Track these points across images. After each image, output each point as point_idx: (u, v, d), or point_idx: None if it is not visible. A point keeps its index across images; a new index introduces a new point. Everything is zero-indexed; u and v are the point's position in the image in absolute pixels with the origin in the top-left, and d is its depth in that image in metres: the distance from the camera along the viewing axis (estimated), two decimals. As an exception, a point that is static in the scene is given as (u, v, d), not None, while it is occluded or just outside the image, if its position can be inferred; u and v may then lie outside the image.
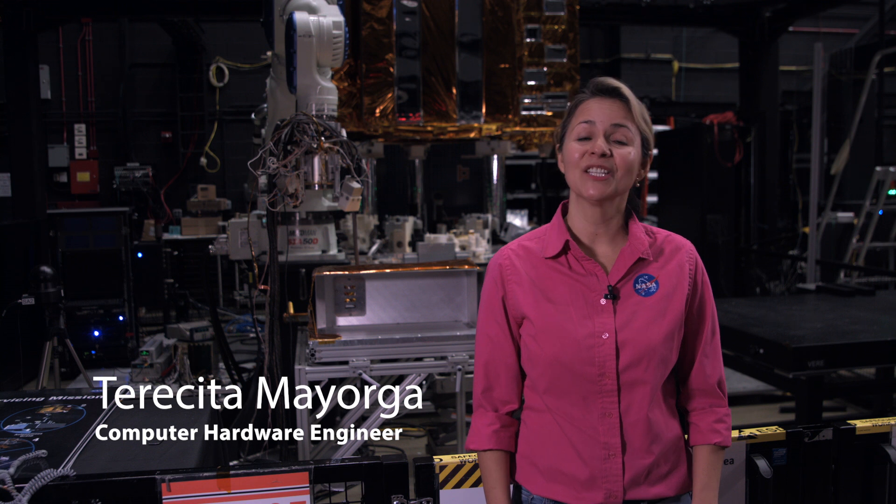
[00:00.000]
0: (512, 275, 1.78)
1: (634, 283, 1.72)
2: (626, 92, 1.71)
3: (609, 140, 1.68)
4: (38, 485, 1.84)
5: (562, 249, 1.74)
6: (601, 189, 1.68)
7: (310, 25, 4.08)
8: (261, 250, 4.40)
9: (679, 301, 1.72)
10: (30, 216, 7.74)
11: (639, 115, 1.71)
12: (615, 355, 1.67)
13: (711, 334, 1.80)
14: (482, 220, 6.70)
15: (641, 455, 1.68)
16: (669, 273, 1.74)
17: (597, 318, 1.69)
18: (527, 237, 1.84)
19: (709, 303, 1.79)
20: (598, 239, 1.75)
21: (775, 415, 5.61)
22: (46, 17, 8.15)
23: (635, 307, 1.70)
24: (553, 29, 6.58)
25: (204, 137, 10.94)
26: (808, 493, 2.23)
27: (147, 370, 6.07)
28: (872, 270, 8.30)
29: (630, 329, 1.68)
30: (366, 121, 6.22)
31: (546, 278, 1.74)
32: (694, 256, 1.78)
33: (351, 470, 2.02)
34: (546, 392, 1.72)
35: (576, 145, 1.70)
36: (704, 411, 1.78)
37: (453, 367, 3.57)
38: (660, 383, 1.71)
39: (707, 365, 1.78)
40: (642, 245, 1.74)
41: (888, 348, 4.03)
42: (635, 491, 1.68)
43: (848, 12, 11.78)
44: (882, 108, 9.19)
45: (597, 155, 1.67)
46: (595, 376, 1.67)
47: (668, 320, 1.70)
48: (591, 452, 1.68)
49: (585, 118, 1.70)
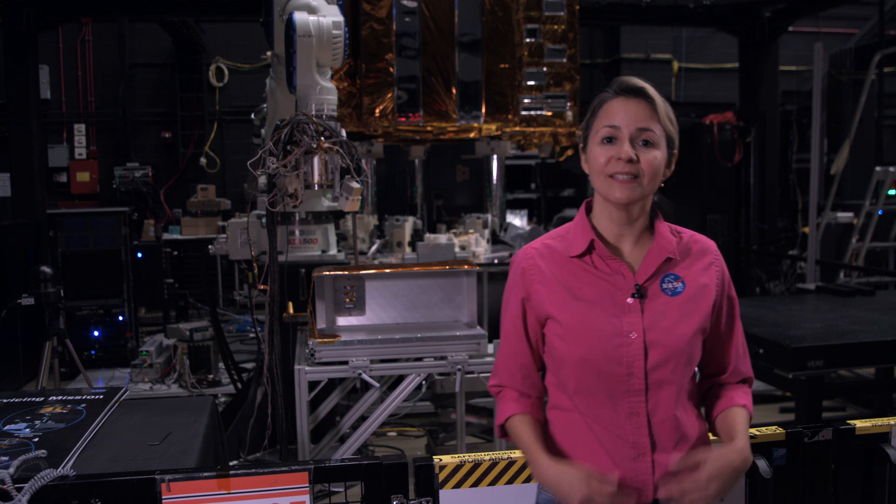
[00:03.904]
0: (536, 275, 1.76)
1: (661, 282, 1.71)
2: (652, 92, 1.69)
3: (634, 143, 1.66)
4: (38, 485, 1.84)
5: (587, 248, 1.73)
6: (628, 194, 1.66)
7: (309, 25, 4.08)
8: (260, 250, 4.39)
9: (706, 302, 1.72)
10: (30, 216, 7.74)
11: (664, 116, 1.69)
12: (643, 355, 1.66)
13: (740, 334, 1.82)
14: (482, 220, 6.71)
15: (670, 452, 1.67)
16: (696, 274, 1.73)
17: (624, 317, 1.68)
18: (549, 236, 1.83)
19: (736, 302, 1.80)
20: (623, 239, 1.75)
21: (775, 415, 5.61)
22: (46, 17, 8.15)
23: (663, 307, 1.69)
24: (553, 29, 6.58)
25: (204, 137, 10.94)
26: (807, 494, 2.23)
27: (147, 370, 6.07)
28: (872, 270, 8.30)
29: (658, 329, 1.67)
30: (366, 121, 6.23)
31: (572, 276, 1.73)
32: (720, 257, 1.78)
33: (350, 470, 2.02)
34: (576, 392, 1.71)
35: (600, 149, 1.68)
36: (736, 387, 1.81)
37: (453, 367, 3.58)
38: (686, 382, 1.71)
39: (741, 364, 1.82)
40: (670, 244, 1.73)
41: (888, 348, 4.03)
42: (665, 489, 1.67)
43: (848, 12, 11.78)
44: (882, 108, 9.20)
45: (623, 161, 1.65)
46: (623, 376, 1.66)
47: (696, 320, 1.70)
48: (620, 452, 1.67)
49: (610, 121, 1.68)
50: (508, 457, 2.10)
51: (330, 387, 4.19)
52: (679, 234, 1.78)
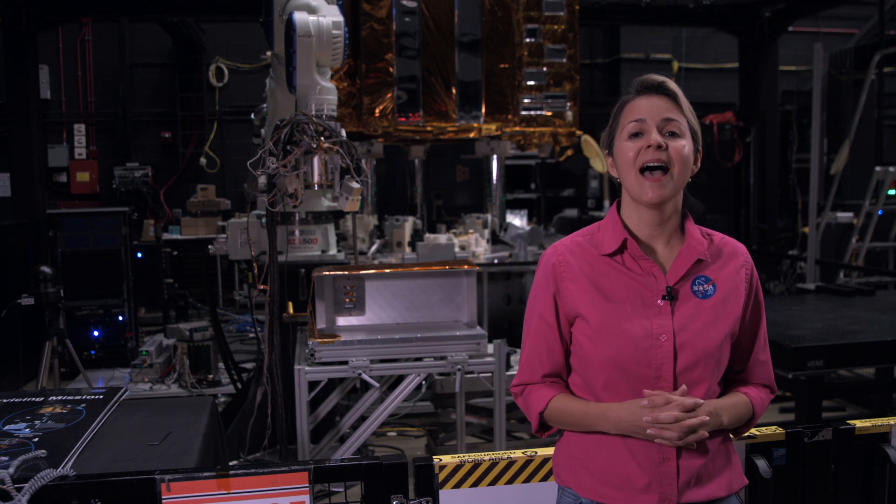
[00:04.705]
0: (567, 271, 1.74)
1: (692, 284, 1.70)
2: (673, 86, 1.69)
3: (662, 134, 1.66)
4: (38, 485, 1.84)
5: (619, 247, 1.71)
6: (659, 192, 1.65)
7: (309, 25, 4.08)
8: (260, 250, 4.39)
9: (736, 306, 1.70)
10: (30, 216, 7.74)
11: (687, 109, 1.70)
12: (673, 358, 1.64)
13: (765, 340, 1.80)
14: (482, 220, 6.71)
15: (695, 457, 1.66)
16: (726, 277, 1.72)
17: (655, 318, 1.66)
18: (579, 234, 1.81)
19: (762, 307, 1.79)
20: (655, 239, 1.73)
21: (775, 415, 5.60)
22: (46, 17, 8.15)
23: (693, 309, 1.67)
24: (553, 29, 6.58)
25: (204, 137, 10.94)
26: (807, 494, 2.23)
27: (147, 370, 6.07)
28: (872, 270, 8.30)
29: (688, 331, 1.65)
30: (365, 121, 6.23)
31: (602, 275, 1.71)
32: (750, 261, 1.77)
33: (350, 470, 2.01)
34: (603, 391, 1.69)
35: (628, 144, 1.68)
36: (754, 386, 1.80)
37: (453, 367, 3.57)
38: (714, 386, 1.70)
39: (763, 370, 1.81)
40: (701, 246, 1.72)
41: (888, 348, 4.03)
42: (689, 493, 1.65)
43: (848, 12, 11.78)
44: (882, 108, 9.20)
45: (652, 148, 1.64)
46: (651, 378, 1.64)
47: (726, 324, 1.68)
48: (646, 455, 1.65)
49: (635, 116, 1.68)
50: (508, 457, 2.10)
51: (330, 387, 4.19)
52: (709, 236, 1.77)
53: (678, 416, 1.58)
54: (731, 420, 1.70)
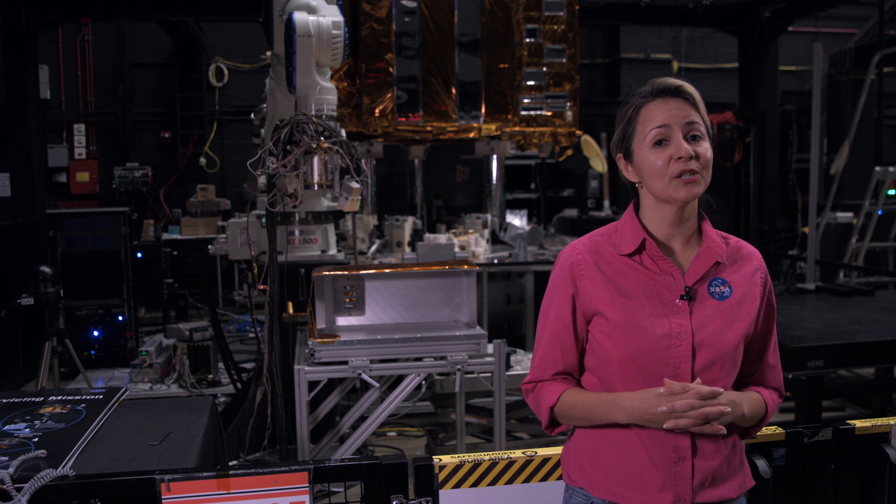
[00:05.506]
0: (585, 270, 1.74)
1: (709, 285, 1.70)
2: (690, 88, 1.69)
3: (686, 139, 1.66)
4: (38, 485, 1.84)
5: (638, 247, 1.72)
6: (693, 191, 1.65)
7: (309, 25, 4.08)
8: (260, 250, 4.39)
9: (751, 308, 1.71)
10: (29, 216, 7.74)
11: (704, 110, 1.70)
12: (691, 356, 1.65)
13: (775, 344, 1.82)
14: (481, 220, 6.71)
15: (710, 457, 1.66)
16: (742, 279, 1.72)
17: (673, 317, 1.66)
18: (597, 233, 1.81)
19: (774, 312, 1.80)
20: (673, 239, 1.74)
21: (775, 415, 5.58)
22: (46, 17, 8.16)
23: (711, 310, 1.68)
24: (552, 29, 6.58)
25: (203, 137, 10.94)
26: (807, 493, 2.23)
27: (146, 370, 6.07)
28: (872, 270, 8.30)
29: (706, 331, 1.66)
30: (365, 121, 6.23)
31: (620, 274, 1.72)
32: (764, 264, 1.78)
33: (350, 470, 2.01)
34: (621, 390, 1.69)
35: (655, 154, 1.67)
36: (769, 389, 1.82)
37: (453, 367, 3.57)
38: (729, 386, 1.70)
39: (773, 374, 1.82)
40: (719, 248, 1.73)
41: (887, 348, 4.03)
42: (703, 493, 1.66)
43: (847, 12, 11.79)
44: (881, 108, 9.19)
45: (685, 159, 1.64)
46: (668, 377, 1.64)
47: (742, 326, 1.69)
48: (661, 455, 1.65)
49: (658, 122, 1.67)
50: (508, 457, 2.10)
51: (330, 387, 4.19)
52: (725, 238, 1.77)
53: (694, 403, 1.58)
54: (751, 413, 1.71)
